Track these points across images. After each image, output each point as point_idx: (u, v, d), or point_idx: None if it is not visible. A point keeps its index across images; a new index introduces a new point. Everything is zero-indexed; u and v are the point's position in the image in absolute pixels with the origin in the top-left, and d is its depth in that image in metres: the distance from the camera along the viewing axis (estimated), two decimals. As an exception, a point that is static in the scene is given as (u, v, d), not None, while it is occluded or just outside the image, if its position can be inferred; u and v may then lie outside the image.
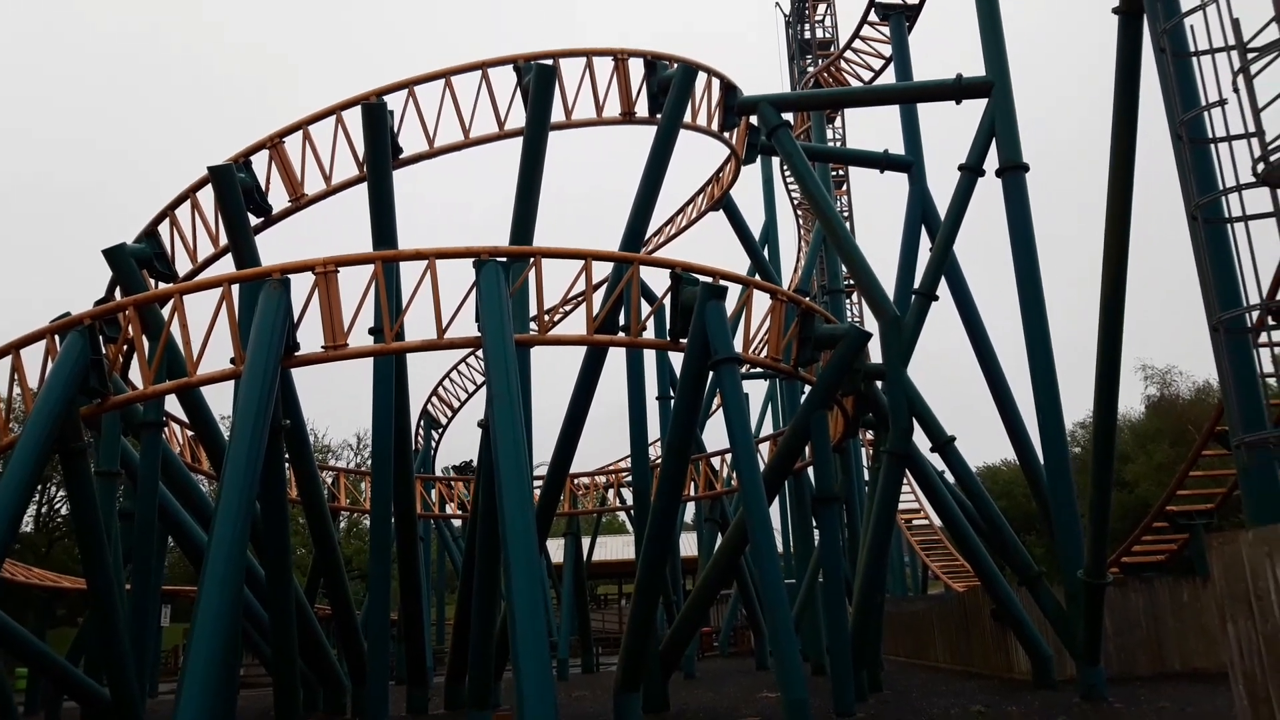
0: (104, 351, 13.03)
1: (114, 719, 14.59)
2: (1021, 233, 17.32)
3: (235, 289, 12.86)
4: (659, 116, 18.01)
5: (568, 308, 33.01)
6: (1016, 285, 17.21)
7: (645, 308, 15.19)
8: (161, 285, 17.27)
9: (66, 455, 13.26)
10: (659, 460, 22.99)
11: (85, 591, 18.55)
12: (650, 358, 23.79)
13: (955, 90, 18.40)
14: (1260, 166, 9.12)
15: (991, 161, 18.27)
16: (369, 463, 26.41)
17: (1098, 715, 13.33)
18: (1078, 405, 47.69)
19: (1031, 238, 17.36)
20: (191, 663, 10.06)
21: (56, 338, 12.94)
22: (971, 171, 18.70)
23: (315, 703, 17.88)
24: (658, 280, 24.36)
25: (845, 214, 38.22)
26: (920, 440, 18.36)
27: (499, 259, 13.01)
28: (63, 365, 12.45)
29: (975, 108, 18.63)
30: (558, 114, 17.75)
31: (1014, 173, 17.63)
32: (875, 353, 18.30)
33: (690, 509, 34.46)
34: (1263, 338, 9.88)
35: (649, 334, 16.68)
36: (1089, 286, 13.90)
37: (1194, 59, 10.19)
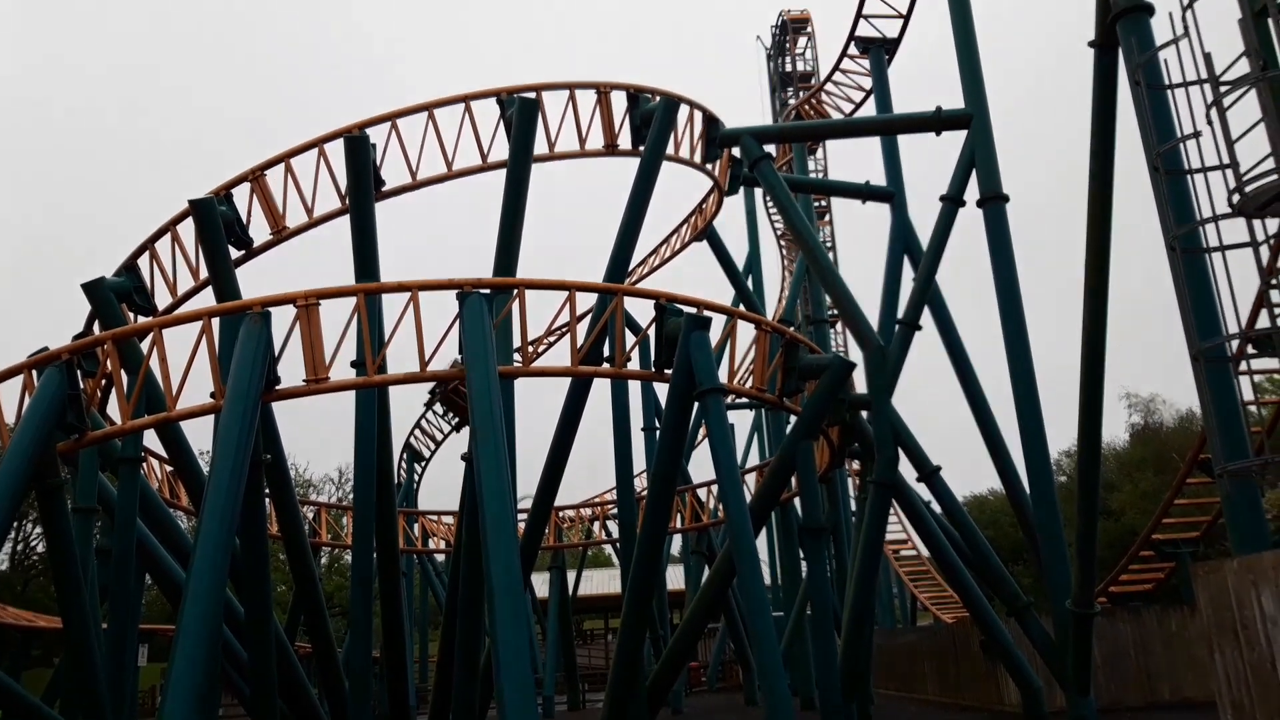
0: (82, 386, 12.87)
1: (88, 763, 14.24)
2: (1003, 262, 17.46)
3: (215, 322, 12.76)
4: (642, 149, 18.11)
5: (552, 339, 33.06)
6: (999, 314, 17.32)
7: (630, 339, 15.14)
8: (141, 319, 17.13)
9: (43, 492, 13.05)
10: (644, 492, 22.86)
11: (61, 631, 18.18)
12: (635, 389, 23.75)
13: (935, 122, 18.59)
14: (1235, 197, 9.23)
15: (972, 192, 18.45)
16: (351, 497, 26.16)
17: (1088, 747, 13.22)
18: (1062, 434, 47.79)
19: (1013, 267, 17.49)
20: (169, 703, 9.84)
21: (34, 372, 12.78)
22: (952, 202, 18.85)
23: (296, 743, 17.51)
24: (642, 311, 24.32)
25: (828, 244, 38.45)
26: (906, 470, 18.34)
27: (482, 291, 12.97)
28: (40, 400, 12.28)
29: (955, 139, 18.85)
30: (541, 146, 17.81)
31: (994, 203, 17.80)
32: (860, 383, 18.33)
33: (677, 541, 34.28)
34: (1243, 366, 9.92)
35: (634, 365, 16.63)
36: (1072, 314, 13.98)
37: (1169, 92, 10.34)
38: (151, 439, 18.20)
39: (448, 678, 16.91)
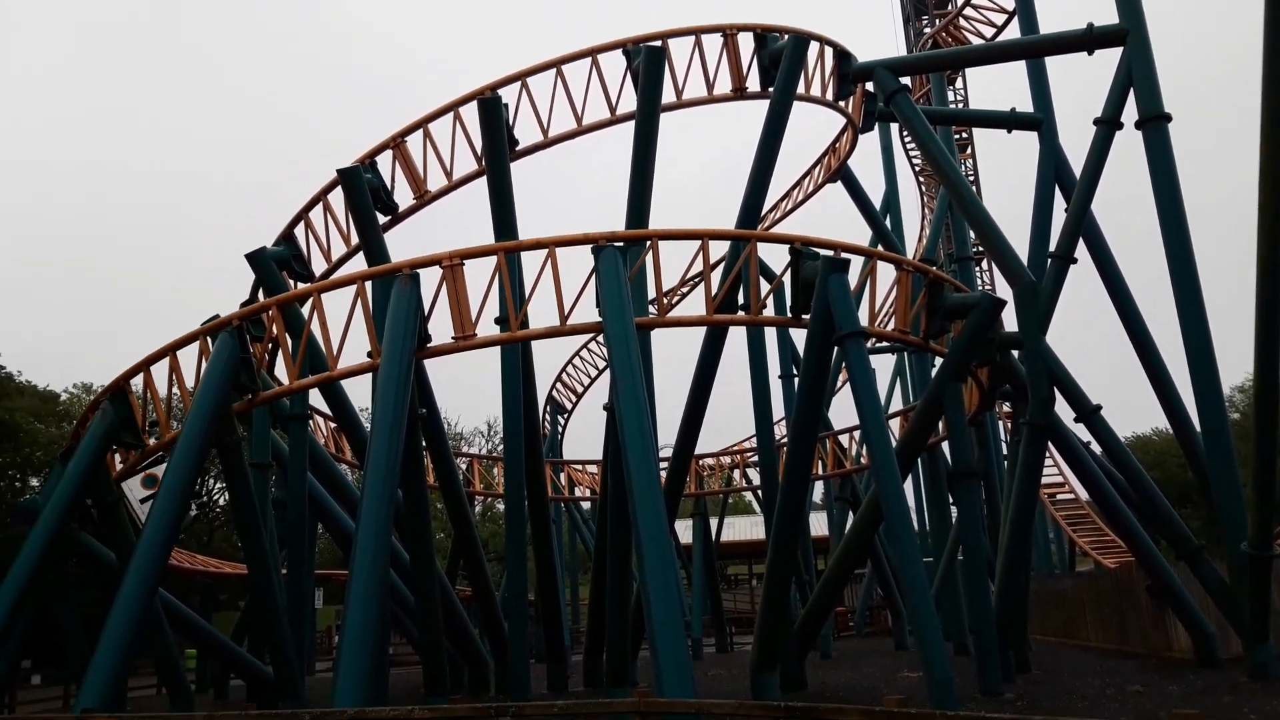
0: (251, 350, 13.79)
1: (277, 696, 15.50)
2: (1166, 187, 16.28)
3: (369, 285, 13.38)
4: (771, 90, 17.74)
5: (686, 289, 33.12)
6: (1163, 242, 16.20)
7: (764, 285, 14.98)
8: (300, 285, 18.13)
9: (223, 449, 14.13)
10: (784, 439, 22.74)
11: (245, 576, 19.69)
12: (771, 336, 23.52)
13: (1087, 40, 17.42)
14: None
15: (1130, 114, 17.24)
16: (500, 448, 27.08)
17: (1267, 695, 12.50)
18: (1235, 368, 44.72)
19: (1178, 191, 16.29)
20: (346, 642, 10.59)
21: (208, 339, 13.77)
22: (1109, 125, 17.69)
23: (461, 680, 18.53)
24: (776, 257, 23.95)
25: (970, 178, 36.79)
26: (1063, 411, 17.56)
27: (616, 244, 13.09)
28: (215, 364, 13.25)
29: (1110, 58, 17.60)
30: (668, 95, 17.69)
31: (1155, 124, 16.57)
32: (1010, 321, 17.57)
33: (819, 488, 34.01)
34: None
35: (769, 311, 16.49)
36: (1244, 241, 12.94)
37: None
38: (315, 398, 19.33)
39: (599, 619, 17.48)
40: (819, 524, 34.51)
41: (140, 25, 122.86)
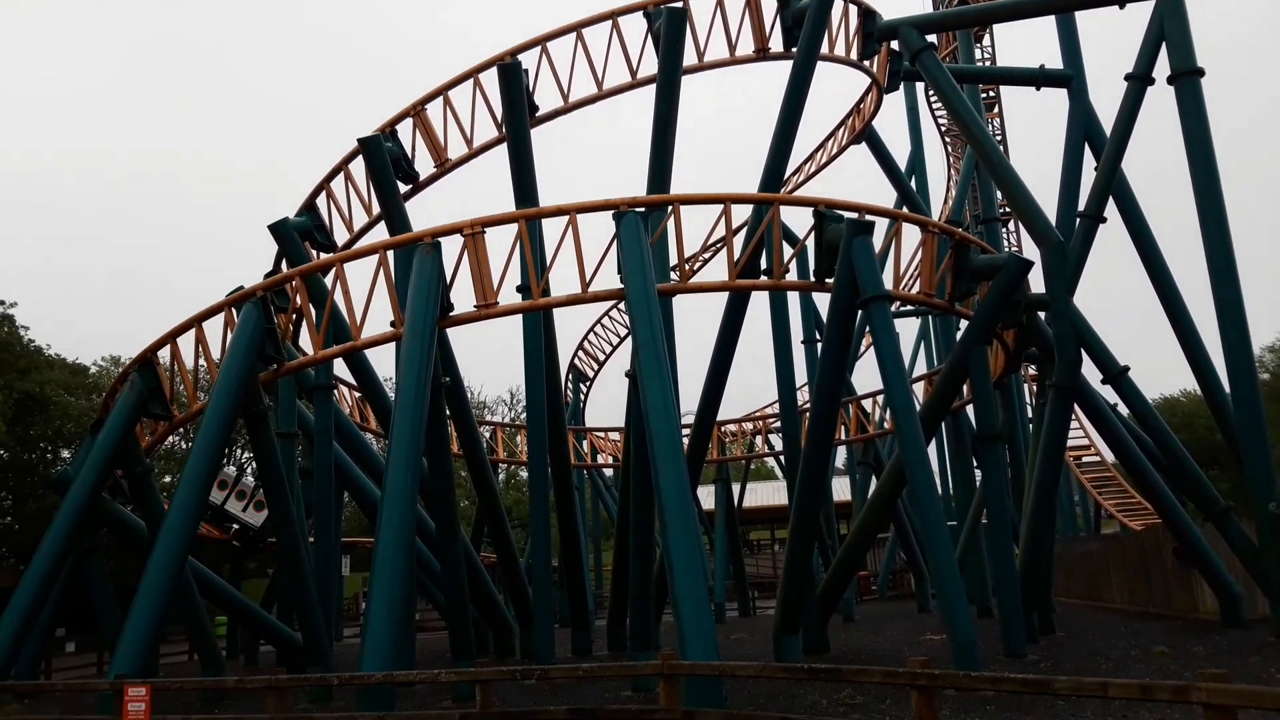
0: (276, 321, 13.85)
1: (306, 661, 15.75)
2: (1199, 144, 15.92)
3: (391, 255, 13.38)
4: (794, 51, 17.47)
5: (708, 254, 32.93)
6: (1195, 201, 15.88)
7: (788, 249, 14.84)
8: (323, 255, 18.16)
9: (250, 419, 14.25)
10: (807, 405, 22.67)
11: (273, 545, 19.93)
12: (794, 300, 23.36)
13: (1118, -7, 16.99)
14: None
15: (1161, 69, 16.85)
16: (523, 417, 27.12)
17: (1297, 657, 12.43)
18: (1265, 328, 44.02)
19: (1210, 149, 15.94)
20: (373, 609, 10.71)
21: (233, 310, 13.84)
22: (1140, 81, 17.31)
23: (487, 645, 18.75)
24: (799, 220, 23.75)
25: (997, 137, 36.19)
26: (1090, 372, 17.39)
27: (638, 209, 13.00)
28: (241, 335, 13.33)
29: (1141, 12, 17.18)
30: (690, 57, 17.46)
31: (1188, 79, 16.18)
32: (1037, 282, 17.35)
33: (841, 453, 33.97)
34: None
35: (792, 276, 16.36)
36: (1275, 200, 12.62)
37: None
38: (340, 367, 19.43)
39: (623, 584, 17.59)
40: (841, 489, 34.53)
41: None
